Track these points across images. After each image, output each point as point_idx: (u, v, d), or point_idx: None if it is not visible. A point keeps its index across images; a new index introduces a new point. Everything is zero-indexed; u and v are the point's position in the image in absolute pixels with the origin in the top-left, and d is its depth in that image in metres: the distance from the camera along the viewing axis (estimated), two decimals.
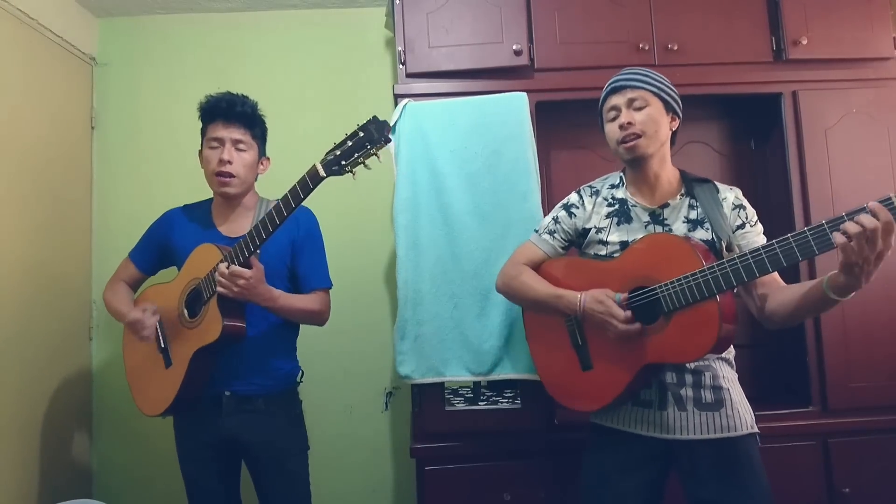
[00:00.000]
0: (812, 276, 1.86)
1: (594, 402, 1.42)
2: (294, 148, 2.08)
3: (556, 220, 1.54)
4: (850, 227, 1.06)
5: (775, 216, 1.98)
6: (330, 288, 1.76)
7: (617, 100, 1.43)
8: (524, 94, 1.87)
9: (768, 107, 2.01)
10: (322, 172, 1.42)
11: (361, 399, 2.34)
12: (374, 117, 1.39)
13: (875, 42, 1.97)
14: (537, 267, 1.54)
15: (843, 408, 1.84)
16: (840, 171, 1.90)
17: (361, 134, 1.38)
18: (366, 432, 2.33)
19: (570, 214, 1.53)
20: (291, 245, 1.70)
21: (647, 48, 1.93)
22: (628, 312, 1.31)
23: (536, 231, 1.57)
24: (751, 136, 2.19)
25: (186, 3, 2.38)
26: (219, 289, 1.50)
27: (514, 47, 1.91)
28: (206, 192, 1.92)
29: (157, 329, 1.65)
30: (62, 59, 2.22)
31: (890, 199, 1.06)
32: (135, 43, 2.42)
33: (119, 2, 2.33)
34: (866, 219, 1.05)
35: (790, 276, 1.59)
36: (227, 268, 1.49)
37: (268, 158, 1.79)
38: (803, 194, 1.90)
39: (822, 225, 1.12)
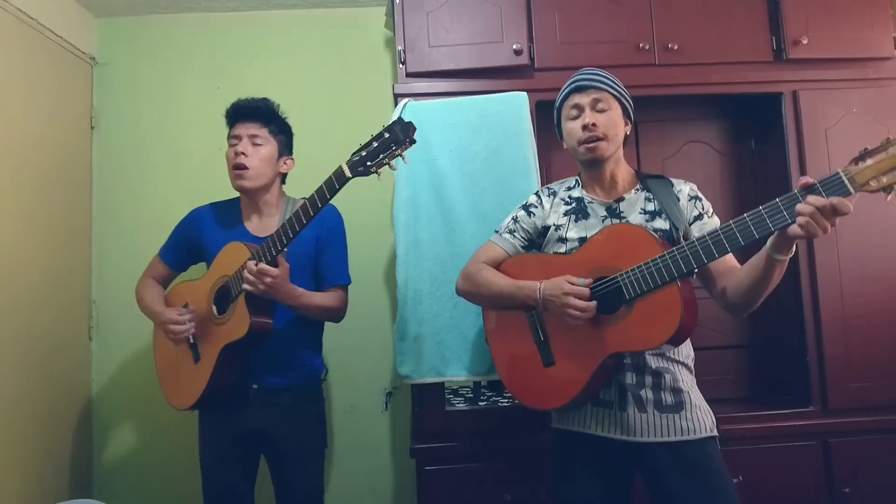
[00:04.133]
0: (812, 271, 1.87)
1: (557, 398, 1.40)
2: (294, 147, 2.08)
3: (515, 219, 1.55)
4: (816, 201, 1.09)
5: None
6: (348, 284, 1.78)
7: (580, 99, 1.43)
8: (524, 93, 1.87)
9: (769, 106, 2.00)
10: (348, 173, 1.43)
11: (361, 399, 2.34)
12: (400, 118, 1.40)
13: (875, 42, 1.97)
14: (498, 266, 1.54)
15: (843, 408, 1.84)
16: None
17: (387, 135, 1.39)
18: (366, 432, 2.33)
19: (530, 214, 1.54)
20: (316, 242, 1.73)
21: (647, 48, 1.93)
22: (586, 291, 1.30)
23: (497, 231, 1.57)
24: (751, 135, 2.19)
25: (186, 3, 2.38)
26: (245, 286, 1.52)
27: (515, 47, 1.91)
28: (207, 191, 1.93)
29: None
30: (62, 59, 2.22)
31: (838, 174, 1.10)
32: (135, 43, 2.42)
33: (119, 2, 2.33)
34: (815, 198, 1.10)
35: (790, 276, 1.59)
36: (256, 265, 1.51)
37: (292, 158, 1.81)
38: None
39: (776, 202, 1.15)
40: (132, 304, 2.26)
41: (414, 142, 1.39)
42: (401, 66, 1.93)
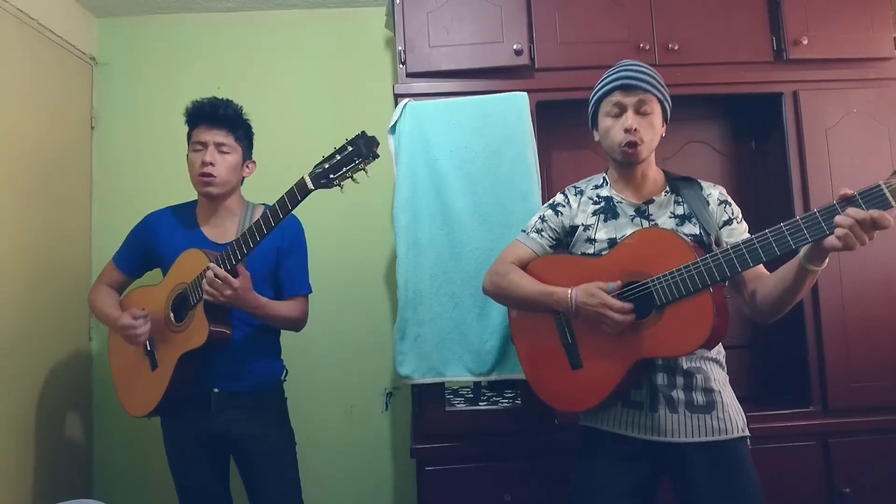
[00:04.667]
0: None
1: (584, 401, 1.40)
2: (294, 147, 2.08)
3: (542, 218, 1.54)
4: (857, 212, 1.08)
5: (776, 216, 1.97)
6: (309, 294, 1.77)
7: (625, 98, 1.39)
8: (524, 93, 1.87)
9: (769, 107, 2.01)
10: (310, 185, 1.44)
11: (361, 399, 2.34)
12: (363, 132, 1.40)
13: (875, 42, 1.97)
14: (525, 266, 1.52)
15: (843, 408, 1.84)
16: (841, 171, 1.90)
17: (350, 148, 1.40)
18: (366, 432, 2.33)
19: (557, 213, 1.52)
20: (276, 252, 1.72)
21: (647, 48, 1.93)
22: (628, 304, 1.29)
23: (524, 230, 1.56)
24: (752, 135, 2.19)
25: (186, 3, 2.38)
26: (206, 296, 1.52)
27: (515, 47, 1.91)
28: None
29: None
30: (62, 59, 2.22)
31: (879, 186, 1.07)
32: (135, 43, 2.42)
33: (119, 2, 2.33)
34: (855, 211, 1.08)
35: None
36: (215, 275, 1.50)
37: (254, 162, 1.80)
38: (804, 194, 1.90)
39: (815, 213, 1.13)
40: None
41: (377, 156, 1.40)
42: (401, 66, 1.93)
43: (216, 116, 1.69)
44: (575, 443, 1.55)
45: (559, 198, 1.55)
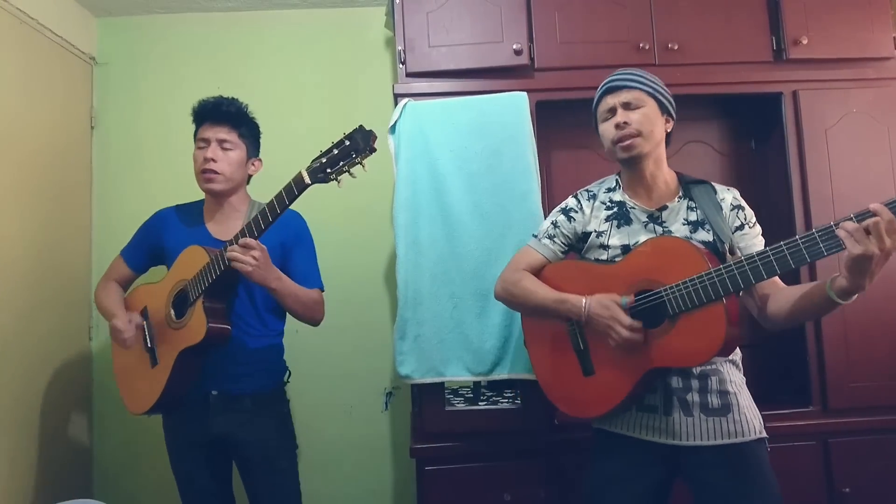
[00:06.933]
0: (812, 271, 1.86)
1: (596, 408, 1.39)
2: (293, 147, 2.07)
3: (554, 224, 1.52)
4: (850, 225, 1.08)
5: (775, 216, 1.98)
6: (322, 290, 1.76)
7: (612, 100, 1.41)
8: (524, 93, 1.86)
9: (769, 107, 2.00)
10: (307, 180, 1.44)
11: (361, 399, 2.34)
12: (360, 126, 1.39)
13: (875, 42, 1.96)
14: (538, 272, 1.51)
15: (843, 408, 1.84)
16: (840, 171, 1.90)
17: (347, 143, 1.39)
18: (366, 432, 2.33)
19: (570, 219, 1.51)
20: (281, 247, 1.71)
21: (647, 48, 1.93)
22: (637, 322, 1.29)
23: (535, 236, 1.55)
24: (751, 135, 2.19)
25: (186, 3, 2.38)
26: (235, 263, 1.47)
27: (515, 47, 1.91)
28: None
29: (143, 329, 1.68)
30: (62, 59, 2.22)
31: (895, 200, 1.06)
32: (135, 43, 2.42)
33: (119, 2, 2.33)
34: (869, 218, 1.07)
35: (790, 278, 1.59)
36: (238, 241, 1.48)
37: (260, 160, 1.80)
38: (804, 194, 1.90)
39: (830, 226, 1.11)
40: None
41: (374, 150, 1.39)
42: (401, 66, 1.93)
43: (219, 113, 1.70)
44: (574, 442, 1.55)
45: (572, 202, 1.53)
